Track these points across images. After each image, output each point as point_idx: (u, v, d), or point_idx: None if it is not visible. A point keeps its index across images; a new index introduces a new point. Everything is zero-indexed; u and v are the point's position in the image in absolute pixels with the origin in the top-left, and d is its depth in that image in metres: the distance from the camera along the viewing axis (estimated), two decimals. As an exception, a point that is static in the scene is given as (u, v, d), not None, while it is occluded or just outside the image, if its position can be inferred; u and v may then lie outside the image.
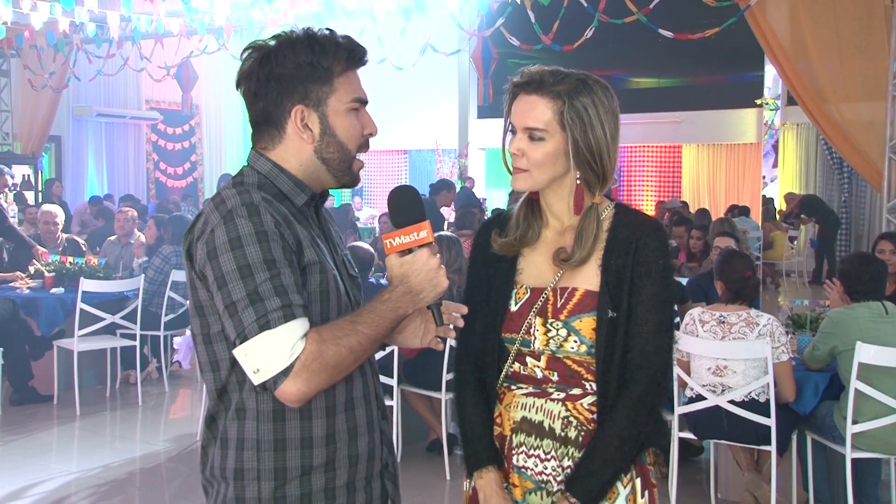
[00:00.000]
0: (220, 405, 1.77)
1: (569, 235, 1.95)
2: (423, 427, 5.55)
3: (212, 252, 1.67)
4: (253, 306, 1.61)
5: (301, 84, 1.75)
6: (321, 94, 1.77)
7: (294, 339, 1.61)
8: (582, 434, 1.89)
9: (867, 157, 7.06)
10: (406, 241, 1.77)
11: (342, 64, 1.78)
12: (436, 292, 1.77)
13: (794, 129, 14.85)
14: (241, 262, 1.64)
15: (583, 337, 1.88)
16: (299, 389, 1.61)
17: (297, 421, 1.73)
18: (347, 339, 1.66)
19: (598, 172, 1.90)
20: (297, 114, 1.77)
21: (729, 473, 4.84)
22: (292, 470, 1.73)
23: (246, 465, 1.73)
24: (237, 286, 1.63)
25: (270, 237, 1.66)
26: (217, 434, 1.78)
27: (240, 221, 1.66)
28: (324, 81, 1.76)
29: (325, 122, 1.78)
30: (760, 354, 4.15)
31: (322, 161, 1.80)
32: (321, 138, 1.79)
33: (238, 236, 1.65)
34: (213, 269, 1.66)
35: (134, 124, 15.51)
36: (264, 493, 1.72)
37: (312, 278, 1.73)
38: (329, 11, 9.38)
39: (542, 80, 1.88)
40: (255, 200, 1.69)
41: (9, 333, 6.46)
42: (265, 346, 1.60)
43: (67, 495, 4.89)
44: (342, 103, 1.78)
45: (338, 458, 1.77)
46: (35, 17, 9.81)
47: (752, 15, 7.08)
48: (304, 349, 1.61)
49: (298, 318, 1.63)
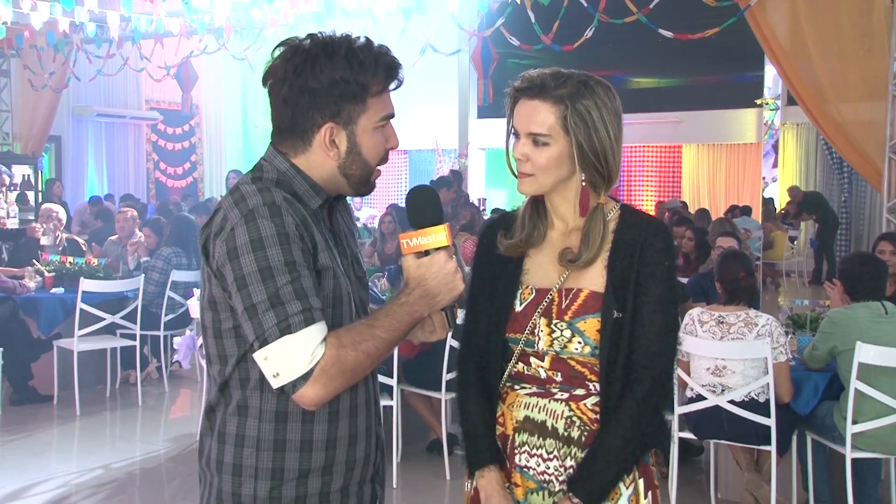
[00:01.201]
0: (220, 398, 1.77)
1: (574, 236, 1.94)
2: (423, 427, 5.55)
3: (232, 252, 1.65)
4: (274, 310, 1.60)
5: (334, 101, 1.71)
6: (353, 112, 1.73)
7: (314, 343, 1.60)
8: (585, 434, 1.89)
9: (867, 156, 7.06)
10: (423, 243, 1.76)
11: (380, 84, 1.74)
12: (452, 295, 1.75)
13: (794, 129, 14.85)
14: (263, 264, 1.62)
15: (587, 338, 1.88)
16: (317, 394, 1.61)
17: (299, 424, 1.73)
18: (366, 344, 1.66)
19: (604, 174, 1.90)
20: (326, 131, 1.74)
21: (729, 473, 4.84)
22: (290, 471, 1.73)
23: (245, 461, 1.73)
24: (258, 288, 1.62)
25: (292, 239, 1.65)
26: (215, 426, 1.78)
27: (262, 222, 1.64)
28: (358, 100, 1.72)
29: (352, 140, 1.75)
30: (760, 354, 4.15)
31: (344, 176, 1.79)
32: (347, 156, 1.76)
33: (260, 237, 1.63)
34: (232, 270, 1.65)
35: (134, 124, 15.50)
36: (260, 492, 1.73)
37: (326, 283, 1.72)
38: (329, 11, 9.38)
39: (543, 85, 1.87)
40: (276, 200, 1.67)
41: (8, 334, 6.46)
42: (286, 350, 1.60)
43: (67, 495, 4.89)
44: (371, 122, 1.75)
45: (336, 462, 1.77)
46: (35, 17, 9.80)
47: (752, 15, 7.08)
48: (325, 354, 1.61)
49: (318, 322, 1.62)
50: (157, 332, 7.02)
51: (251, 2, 9.67)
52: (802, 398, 4.33)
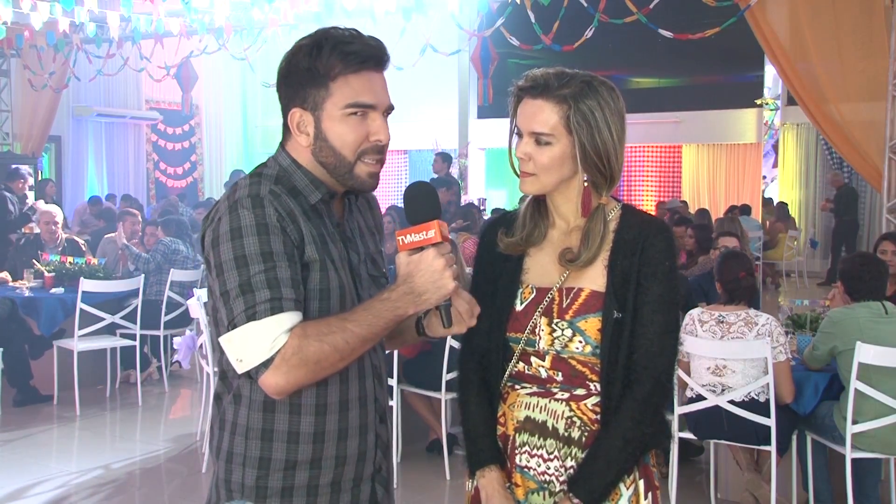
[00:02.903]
0: (223, 386, 1.83)
1: (575, 236, 1.94)
2: (423, 427, 5.55)
3: (215, 240, 1.71)
4: (243, 296, 1.65)
5: (301, 87, 1.78)
6: (317, 97, 1.77)
7: (278, 332, 1.63)
8: (585, 434, 1.89)
9: (867, 157, 7.07)
10: (416, 240, 1.74)
11: (337, 67, 1.75)
12: (439, 294, 1.72)
13: (794, 129, 14.86)
14: (238, 253, 1.67)
15: (588, 337, 1.88)
16: (277, 382, 1.64)
17: (286, 415, 1.75)
18: (332, 337, 1.66)
19: (606, 174, 1.90)
20: (292, 116, 1.80)
21: (729, 473, 4.84)
22: (276, 462, 1.75)
23: (235, 449, 1.78)
24: (232, 275, 1.67)
25: (271, 230, 1.68)
26: (220, 413, 1.83)
27: (242, 212, 1.69)
28: (319, 85, 1.76)
29: (318, 126, 1.78)
30: (760, 354, 4.15)
31: (320, 164, 1.81)
32: (314, 142, 1.79)
33: (239, 227, 1.69)
34: (214, 257, 1.71)
35: (134, 124, 15.51)
36: (248, 480, 1.76)
37: (312, 276, 1.74)
38: (329, 12, 9.39)
39: (547, 84, 1.87)
40: (261, 193, 1.72)
41: (8, 334, 6.46)
42: (249, 336, 1.64)
43: (67, 495, 4.89)
44: (337, 108, 1.77)
45: (324, 456, 1.78)
46: (35, 17, 9.81)
47: (752, 15, 7.08)
48: (286, 343, 1.63)
49: (287, 311, 1.65)
50: (157, 332, 7.03)
51: (251, 2, 9.68)
52: (802, 398, 4.33)
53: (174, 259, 7.27)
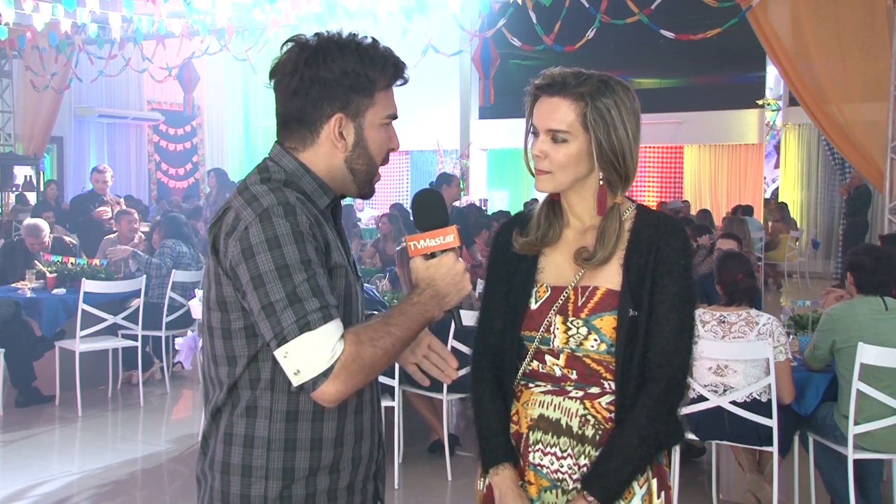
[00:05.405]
0: (227, 399, 1.77)
1: (590, 235, 1.95)
2: (424, 428, 5.54)
3: (247, 251, 1.65)
4: (292, 307, 1.61)
5: (344, 92, 1.75)
6: (361, 105, 1.76)
7: (334, 340, 1.61)
8: (599, 433, 1.90)
9: (869, 157, 7.07)
10: (432, 245, 1.78)
11: (387, 80, 1.78)
12: (460, 296, 1.78)
13: (796, 129, 14.85)
14: (280, 263, 1.63)
15: (603, 336, 1.89)
16: (338, 390, 1.62)
17: (309, 423, 1.74)
18: (382, 341, 1.66)
19: (621, 172, 1.91)
20: (336, 122, 1.77)
21: (731, 474, 4.84)
22: (300, 470, 1.74)
23: (255, 462, 1.74)
24: (275, 287, 1.62)
25: (306, 238, 1.66)
26: (220, 428, 1.78)
27: (277, 221, 1.65)
28: (366, 94, 1.76)
29: (360, 133, 1.78)
30: (761, 355, 4.14)
31: (350, 171, 1.81)
32: (353, 149, 1.79)
33: (275, 236, 1.64)
34: (248, 269, 1.65)
35: (136, 125, 15.53)
36: (271, 492, 1.73)
37: (339, 281, 1.74)
38: (331, 12, 9.40)
39: (564, 82, 1.89)
40: (290, 200, 1.69)
41: (10, 335, 6.46)
42: (306, 347, 1.60)
43: (69, 496, 4.89)
44: (378, 118, 1.79)
45: (343, 459, 1.78)
46: (37, 18, 9.82)
47: (754, 15, 7.09)
48: (344, 350, 1.62)
49: (335, 318, 1.63)
50: (159, 333, 7.03)
51: (253, 3, 9.69)
52: (804, 399, 4.32)
53: (179, 262, 7.27)
